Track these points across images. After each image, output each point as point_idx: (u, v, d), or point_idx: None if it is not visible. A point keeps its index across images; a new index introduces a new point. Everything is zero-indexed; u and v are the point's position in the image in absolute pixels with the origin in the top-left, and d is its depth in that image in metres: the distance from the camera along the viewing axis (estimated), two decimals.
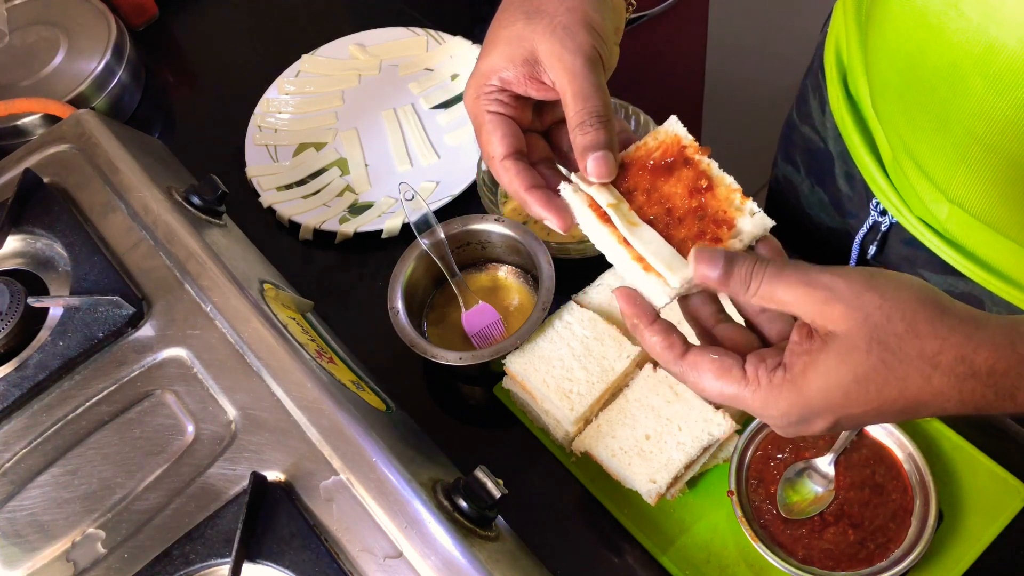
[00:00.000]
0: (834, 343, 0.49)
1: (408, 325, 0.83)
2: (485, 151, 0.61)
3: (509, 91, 0.61)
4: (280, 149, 1.08)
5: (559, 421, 0.79)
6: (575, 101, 0.57)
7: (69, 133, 0.88)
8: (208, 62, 1.22)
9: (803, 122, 0.95)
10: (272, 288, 0.83)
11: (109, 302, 0.75)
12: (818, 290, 0.49)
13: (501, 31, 0.60)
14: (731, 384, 0.52)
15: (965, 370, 0.47)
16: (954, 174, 0.68)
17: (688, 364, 0.53)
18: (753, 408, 0.52)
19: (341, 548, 0.63)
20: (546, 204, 0.58)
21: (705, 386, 0.53)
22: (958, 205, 0.71)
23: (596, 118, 0.57)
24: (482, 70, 0.61)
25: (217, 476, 0.68)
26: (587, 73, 0.57)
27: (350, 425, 0.68)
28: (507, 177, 0.60)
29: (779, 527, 0.73)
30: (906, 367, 0.48)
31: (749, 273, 0.51)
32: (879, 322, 0.48)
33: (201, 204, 0.86)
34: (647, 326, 0.54)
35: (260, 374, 0.71)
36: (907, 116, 0.71)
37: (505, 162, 0.60)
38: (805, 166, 0.97)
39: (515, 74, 0.60)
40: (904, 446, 0.74)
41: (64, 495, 0.69)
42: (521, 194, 0.59)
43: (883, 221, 0.83)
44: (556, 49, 0.58)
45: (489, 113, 0.61)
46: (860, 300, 0.48)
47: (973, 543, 0.71)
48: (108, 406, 0.72)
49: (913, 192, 0.76)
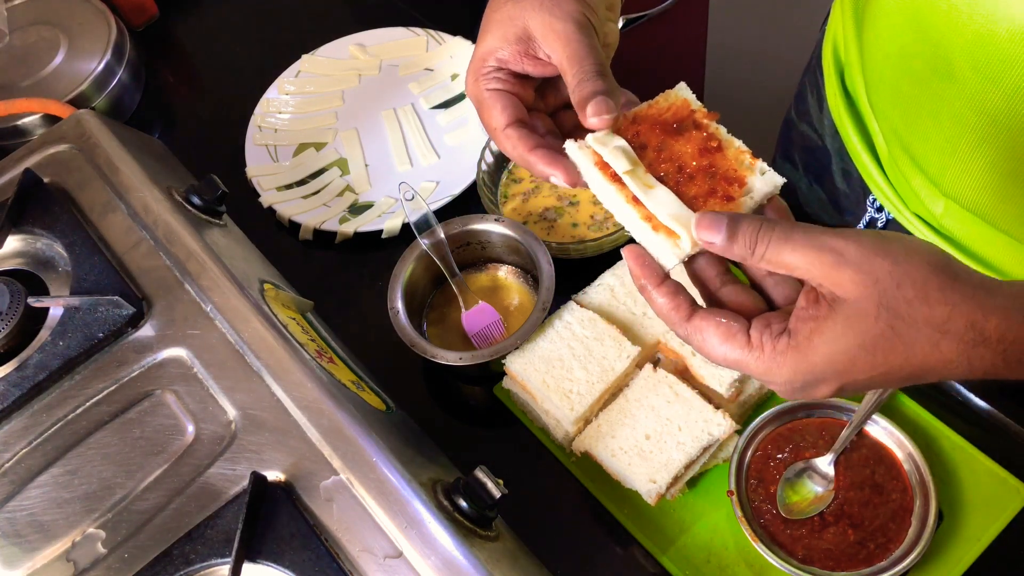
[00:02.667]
0: (842, 309, 0.48)
1: (408, 325, 0.83)
2: (488, 126, 0.61)
3: (507, 69, 0.61)
4: (280, 149, 1.08)
5: (559, 421, 0.79)
6: (571, 64, 0.58)
7: (69, 133, 0.88)
8: (208, 62, 1.22)
9: (801, 120, 0.96)
10: (272, 288, 0.83)
11: (109, 302, 0.75)
12: (827, 254, 0.48)
13: (493, 14, 0.61)
14: (735, 349, 0.52)
15: (975, 336, 0.47)
16: (947, 166, 0.68)
17: (693, 327, 0.53)
18: (757, 373, 0.52)
19: (341, 548, 0.63)
20: (551, 161, 0.58)
21: (710, 350, 0.53)
22: (952, 199, 0.71)
23: (594, 73, 0.57)
24: (479, 54, 0.62)
25: (217, 476, 0.68)
26: (579, 37, 0.58)
27: (350, 425, 0.68)
28: (510, 144, 0.60)
29: (779, 527, 0.73)
30: (915, 333, 0.47)
31: (755, 236, 0.50)
32: (889, 287, 0.47)
33: (201, 204, 0.86)
34: (655, 287, 0.54)
35: (260, 374, 0.71)
36: (901, 109, 0.71)
37: (507, 130, 0.60)
38: (803, 164, 0.97)
39: (510, 52, 0.60)
40: (904, 446, 0.74)
41: (64, 495, 0.69)
42: (525, 156, 0.59)
43: (879, 218, 0.84)
44: (546, 19, 0.58)
45: (488, 91, 0.61)
46: (870, 265, 0.48)
47: (973, 543, 0.71)
48: (108, 406, 0.72)
49: (909, 188, 0.76)
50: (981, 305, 0.47)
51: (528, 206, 0.95)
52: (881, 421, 0.75)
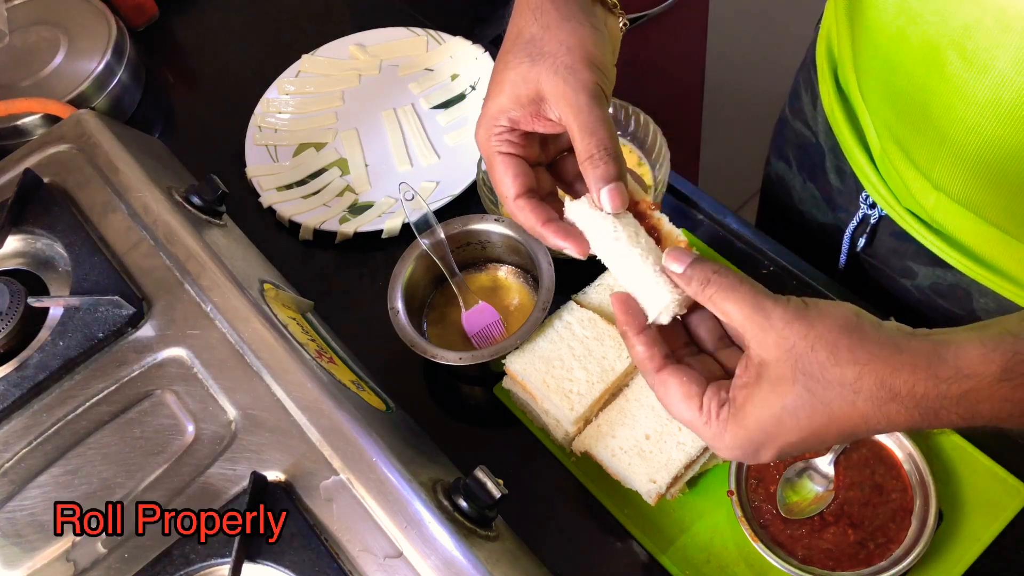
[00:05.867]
0: (767, 373, 0.51)
1: (408, 325, 0.83)
2: (499, 190, 0.64)
3: (517, 130, 0.63)
4: (280, 149, 1.08)
5: (559, 421, 0.79)
6: (582, 135, 0.60)
7: (69, 133, 0.88)
8: (208, 62, 1.22)
9: (795, 117, 0.96)
10: (272, 288, 0.83)
11: (109, 302, 0.75)
12: (759, 314, 0.51)
13: (507, 73, 0.63)
14: (689, 410, 0.54)
15: (886, 394, 0.49)
16: (937, 158, 0.69)
17: (660, 379, 0.56)
18: (707, 440, 0.55)
19: (341, 548, 0.63)
20: (563, 235, 0.61)
21: (670, 405, 0.56)
22: (943, 192, 0.72)
23: (604, 151, 0.59)
24: (491, 111, 0.63)
25: (217, 476, 0.68)
26: (591, 108, 0.60)
27: (350, 425, 0.68)
28: (522, 215, 0.62)
29: (779, 527, 0.73)
30: (830, 394, 0.49)
31: (707, 277, 0.54)
32: (803, 351, 0.50)
33: (201, 204, 0.86)
34: (635, 334, 0.57)
35: (260, 374, 0.71)
36: (891, 102, 0.72)
37: (519, 201, 0.62)
38: (797, 162, 0.98)
39: (522, 113, 0.62)
40: (904, 446, 0.74)
41: (64, 495, 0.69)
42: (538, 229, 0.62)
43: (872, 214, 0.85)
44: (560, 88, 0.60)
45: (500, 154, 0.63)
46: (789, 329, 0.50)
47: (973, 543, 0.71)
48: (108, 406, 0.72)
49: (901, 183, 0.76)
50: (887, 362, 0.49)
51: None
52: None
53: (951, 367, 0.48)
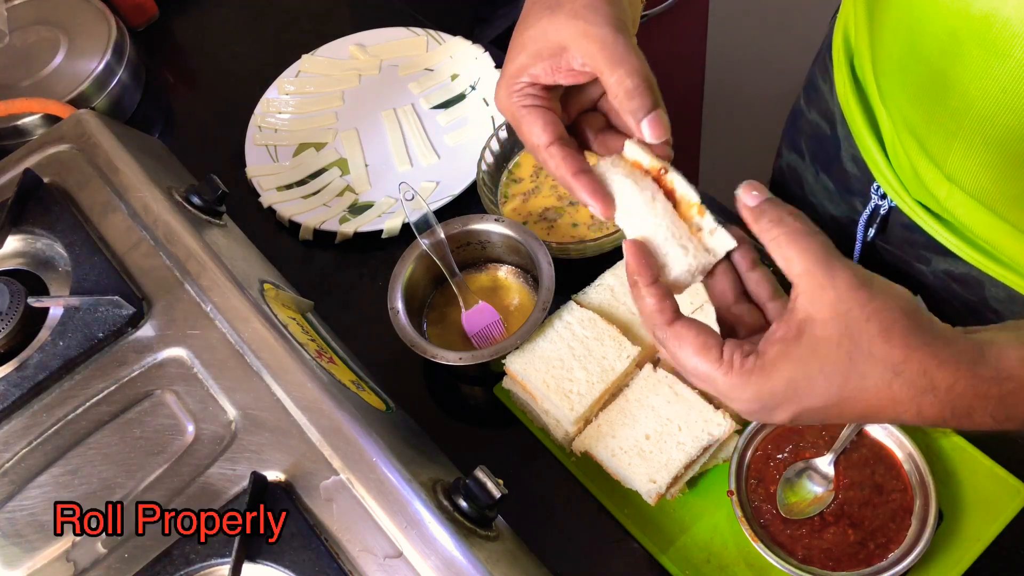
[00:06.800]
0: (810, 331, 0.50)
1: (408, 325, 0.83)
2: (529, 142, 0.62)
3: (539, 84, 0.62)
4: (280, 149, 1.08)
5: (559, 421, 0.79)
6: (613, 67, 0.57)
7: (69, 133, 0.88)
8: (208, 62, 1.21)
9: (811, 108, 0.96)
10: (272, 288, 0.83)
11: (109, 302, 0.75)
12: (822, 271, 0.50)
13: (525, 31, 0.61)
14: (705, 362, 0.53)
15: (925, 384, 0.49)
16: (951, 148, 0.69)
17: (673, 332, 0.54)
18: (722, 390, 0.53)
19: (341, 548, 0.63)
20: (593, 191, 0.59)
21: (683, 359, 0.54)
22: (955, 183, 0.72)
23: (641, 79, 0.57)
24: (511, 71, 0.62)
25: (217, 476, 0.68)
26: (618, 39, 0.58)
27: (350, 425, 0.68)
28: (553, 163, 0.60)
29: (779, 527, 0.73)
30: (870, 368, 0.49)
31: (780, 217, 0.52)
32: (858, 319, 0.49)
33: (201, 204, 0.86)
34: (646, 284, 0.55)
35: (260, 374, 0.71)
36: (907, 89, 0.72)
37: (551, 148, 0.60)
38: (811, 153, 0.98)
39: (543, 68, 0.60)
40: (904, 446, 0.74)
41: (64, 495, 0.69)
42: (568, 180, 0.60)
43: (883, 205, 0.85)
44: (581, 27, 0.58)
45: (524, 107, 0.61)
46: (850, 294, 0.49)
47: (973, 543, 0.71)
48: (108, 406, 0.72)
49: (913, 174, 0.76)
50: (936, 354, 0.48)
51: (528, 206, 0.95)
52: None
53: (992, 368, 0.48)
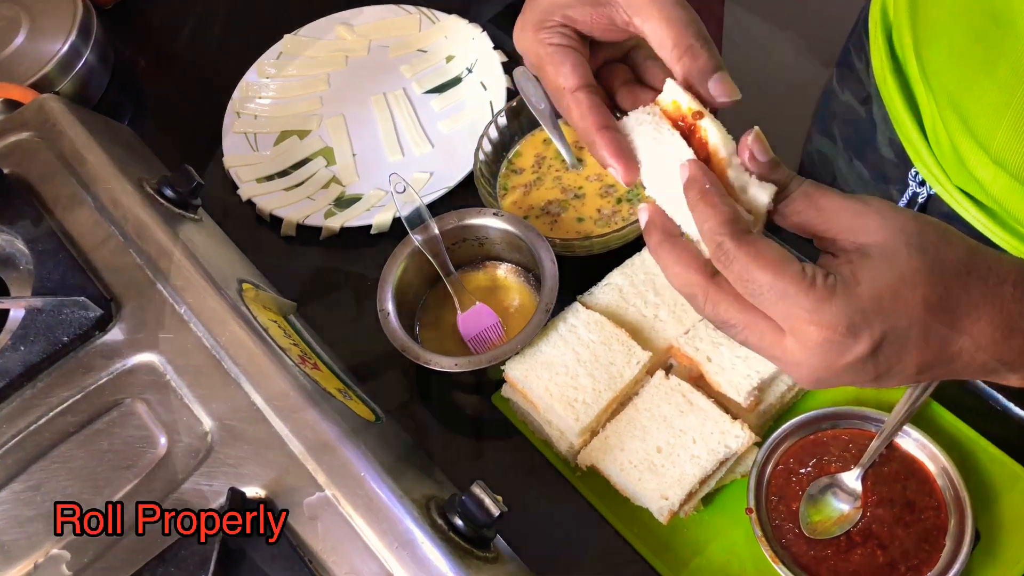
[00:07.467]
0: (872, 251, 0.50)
1: (399, 328, 0.81)
2: (553, 84, 0.60)
3: (572, 27, 0.60)
4: (260, 137, 1.07)
5: (563, 432, 0.78)
6: (671, 27, 0.56)
7: (31, 120, 0.88)
8: (182, 43, 1.20)
9: (844, 89, 0.96)
10: (251, 288, 0.82)
11: (74, 303, 0.74)
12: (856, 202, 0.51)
13: None
14: (785, 279, 0.49)
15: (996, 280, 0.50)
16: (999, 124, 0.68)
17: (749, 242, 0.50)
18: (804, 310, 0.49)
19: (327, 570, 0.63)
20: (616, 151, 0.57)
21: (758, 274, 0.50)
22: (1001, 166, 0.70)
23: (702, 39, 0.56)
24: (543, 6, 0.60)
25: (192, 492, 0.67)
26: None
27: (336, 437, 0.67)
28: (578, 112, 0.58)
29: (802, 548, 0.71)
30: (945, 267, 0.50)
31: (790, 174, 0.54)
32: (914, 231, 0.50)
33: (175, 197, 0.85)
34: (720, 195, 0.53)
35: (238, 381, 0.71)
36: (954, 64, 0.71)
37: (578, 94, 0.58)
38: (843, 138, 0.97)
39: (582, 12, 0.59)
40: (938, 459, 0.72)
41: (26, 513, 0.68)
42: (592, 134, 0.58)
43: (921, 192, 0.84)
44: None
45: (553, 45, 0.59)
46: (893, 212, 0.51)
47: (1012, 566, 0.70)
48: (74, 416, 0.71)
49: (955, 157, 0.75)
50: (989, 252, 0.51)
51: (530, 199, 0.93)
52: (913, 432, 0.73)
53: None
